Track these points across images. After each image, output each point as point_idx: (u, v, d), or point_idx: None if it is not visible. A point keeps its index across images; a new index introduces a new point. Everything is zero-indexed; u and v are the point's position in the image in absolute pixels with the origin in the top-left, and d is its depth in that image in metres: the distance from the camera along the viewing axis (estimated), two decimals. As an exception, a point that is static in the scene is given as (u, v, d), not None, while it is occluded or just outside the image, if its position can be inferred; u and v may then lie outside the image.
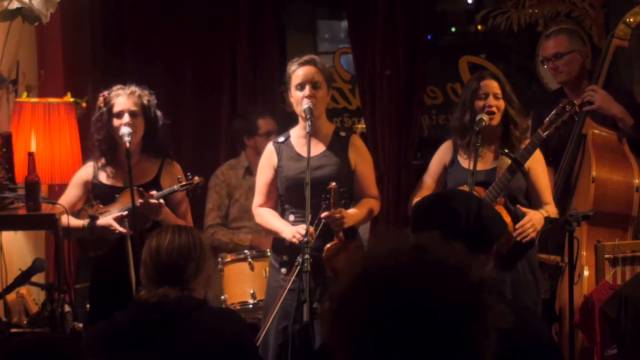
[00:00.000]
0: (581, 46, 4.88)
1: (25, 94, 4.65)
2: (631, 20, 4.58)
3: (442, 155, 4.30)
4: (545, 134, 3.95)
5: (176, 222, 4.07)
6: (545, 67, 4.92)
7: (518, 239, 3.96)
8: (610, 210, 4.40)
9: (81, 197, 4.28)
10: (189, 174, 4.19)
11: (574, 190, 4.60)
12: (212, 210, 5.15)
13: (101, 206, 4.19)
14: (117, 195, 4.20)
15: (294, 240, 3.91)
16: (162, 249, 2.87)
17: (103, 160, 4.25)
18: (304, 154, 4.06)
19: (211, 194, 5.16)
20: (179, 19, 5.74)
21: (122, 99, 4.19)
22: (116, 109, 4.17)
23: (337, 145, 4.15)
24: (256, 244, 4.98)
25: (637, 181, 4.47)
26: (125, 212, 4.08)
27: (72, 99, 4.59)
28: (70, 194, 4.27)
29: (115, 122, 4.17)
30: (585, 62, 4.95)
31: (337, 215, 3.92)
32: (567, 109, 3.90)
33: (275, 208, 4.23)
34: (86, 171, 4.30)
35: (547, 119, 3.98)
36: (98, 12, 5.68)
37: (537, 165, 4.11)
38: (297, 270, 3.87)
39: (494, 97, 4.08)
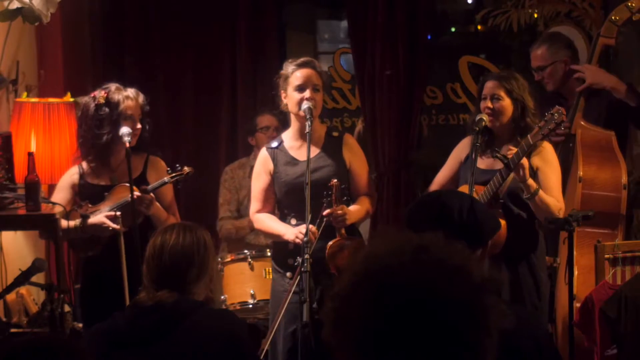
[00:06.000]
0: (564, 54, 4.76)
1: (25, 94, 4.64)
2: (617, 18, 4.54)
3: (459, 151, 4.27)
4: (533, 141, 3.92)
5: (167, 218, 4.16)
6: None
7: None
8: (598, 209, 4.37)
9: (69, 200, 4.25)
10: (177, 165, 4.20)
11: (564, 190, 4.58)
12: (223, 204, 5.31)
13: (90, 206, 4.18)
14: (106, 194, 4.19)
15: (297, 240, 3.89)
16: (165, 250, 2.87)
17: (90, 159, 4.22)
18: (299, 157, 4.07)
19: (221, 189, 5.33)
20: (179, 19, 5.74)
21: (133, 103, 4.18)
22: (129, 112, 4.15)
23: (331, 146, 4.14)
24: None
25: (624, 179, 4.45)
26: (118, 212, 4.08)
27: (72, 99, 4.59)
28: (58, 198, 4.24)
29: (124, 123, 4.15)
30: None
31: (339, 212, 3.91)
32: (555, 117, 3.87)
33: (272, 213, 4.21)
34: (72, 174, 4.28)
35: (537, 125, 3.96)
36: (98, 12, 5.68)
37: (546, 165, 4.04)
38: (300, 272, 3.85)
39: (492, 98, 4.07)
